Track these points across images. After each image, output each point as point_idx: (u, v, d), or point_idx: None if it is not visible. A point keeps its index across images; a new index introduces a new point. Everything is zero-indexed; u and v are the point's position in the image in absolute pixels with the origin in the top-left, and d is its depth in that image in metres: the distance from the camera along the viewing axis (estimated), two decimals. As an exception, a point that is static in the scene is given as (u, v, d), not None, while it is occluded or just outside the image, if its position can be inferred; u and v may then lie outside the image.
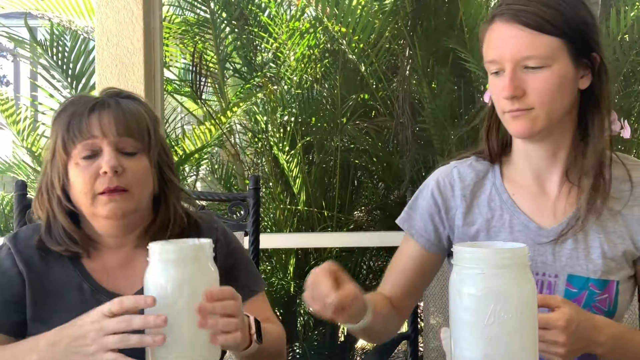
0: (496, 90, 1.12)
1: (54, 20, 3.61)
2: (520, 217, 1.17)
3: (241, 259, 1.29)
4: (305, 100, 3.25)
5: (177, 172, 1.29)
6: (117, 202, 1.11)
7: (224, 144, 3.47)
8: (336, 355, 3.26)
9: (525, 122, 1.09)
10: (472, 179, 1.22)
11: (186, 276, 0.92)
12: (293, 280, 3.12)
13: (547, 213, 1.16)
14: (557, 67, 1.08)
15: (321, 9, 3.11)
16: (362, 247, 3.06)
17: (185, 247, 0.97)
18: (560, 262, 1.14)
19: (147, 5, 2.19)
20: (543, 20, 1.07)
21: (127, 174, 1.12)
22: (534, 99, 1.08)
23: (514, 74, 1.08)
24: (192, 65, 3.23)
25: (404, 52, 3.24)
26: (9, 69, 8.00)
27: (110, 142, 1.12)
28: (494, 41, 1.11)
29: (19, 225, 1.40)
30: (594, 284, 1.12)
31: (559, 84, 1.08)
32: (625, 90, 3.24)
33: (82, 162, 1.12)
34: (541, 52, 1.07)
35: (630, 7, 3.10)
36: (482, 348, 0.84)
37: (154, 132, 1.19)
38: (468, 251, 0.86)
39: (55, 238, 1.16)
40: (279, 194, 3.20)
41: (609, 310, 1.13)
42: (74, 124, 1.12)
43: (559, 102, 1.10)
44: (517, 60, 1.07)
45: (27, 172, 3.57)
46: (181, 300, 0.91)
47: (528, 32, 1.07)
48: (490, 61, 1.12)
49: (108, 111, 1.13)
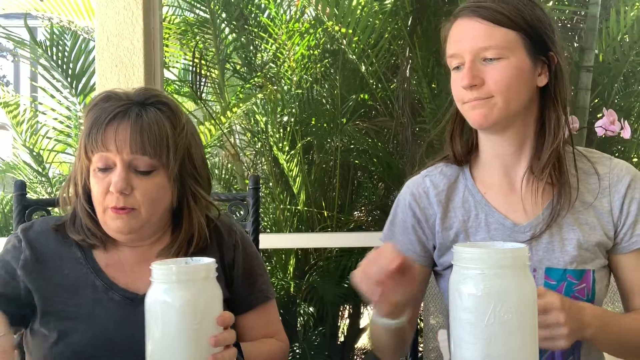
0: (456, 83, 1.16)
1: (54, 20, 3.61)
2: (495, 215, 1.20)
3: (258, 263, 1.29)
4: (305, 100, 3.25)
5: (207, 181, 1.25)
6: (123, 220, 1.12)
7: (224, 144, 3.47)
8: (336, 355, 3.26)
9: (484, 110, 1.13)
10: (444, 184, 1.25)
11: (199, 299, 0.91)
12: (293, 280, 3.12)
13: (519, 209, 1.20)
14: (514, 59, 1.13)
15: (321, 9, 3.11)
16: (362, 247, 3.06)
17: (195, 267, 0.95)
18: (538, 255, 1.18)
19: (147, 5, 2.19)
20: (500, 14, 1.13)
21: (136, 194, 1.12)
22: (491, 87, 1.12)
23: (473, 64, 1.13)
24: (192, 65, 3.23)
25: (404, 52, 3.24)
26: (9, 69, 8.01)
27: (123, 159, 1.11)
28: (455, 36, 1.17)
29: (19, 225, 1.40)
30: (571, 275, 1.16)
31: (517, 75, 1.13)
32: (625, 91, 3.24)
33: (98, 172, 1.13)
34: (497, 43, 1.12)
35: (630, 7, 3.10)
36: (482, 348, 0.84)
37: (175, 146, 1.14)
38: (468, 251, 0.86)
39: (76, 227, 1.18)
40: (278, 194, 3.20)
41: (588, 299, 1.16)
42: (93, 132, 1.12)
43: (516, 93, 1.13)
44: (475, 52, 1.13)
45: (26, 172, 3.57)
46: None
47: (485, 24, 1.13)
48: (450, 55, 1.17)
49: (126, 125, 1.11)
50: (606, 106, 2.74)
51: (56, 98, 3.37)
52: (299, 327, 3.27)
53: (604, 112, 2.19)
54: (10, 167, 3.75)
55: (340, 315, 3.42)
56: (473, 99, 1.13)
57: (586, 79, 3.06)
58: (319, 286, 3.04)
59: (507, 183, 1.22)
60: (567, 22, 3.41)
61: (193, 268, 0.94)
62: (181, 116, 1.19)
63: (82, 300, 1.15)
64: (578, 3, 3.36)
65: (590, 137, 2.99)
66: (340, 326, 3.44)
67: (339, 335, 3.42)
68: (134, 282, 1.17)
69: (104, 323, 1.13)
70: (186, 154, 1.17)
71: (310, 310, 3.23)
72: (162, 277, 0.91)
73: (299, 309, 3.24)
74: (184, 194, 1.19)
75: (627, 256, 1.19)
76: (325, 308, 3.14)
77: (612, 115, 2.17)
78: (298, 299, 3.18)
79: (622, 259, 1.19)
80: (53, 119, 3.51)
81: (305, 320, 3.28)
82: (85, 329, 1.12)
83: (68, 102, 3.40)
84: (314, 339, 3.26)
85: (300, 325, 3.29)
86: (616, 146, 3.26)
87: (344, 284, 3.12)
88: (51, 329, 1.13)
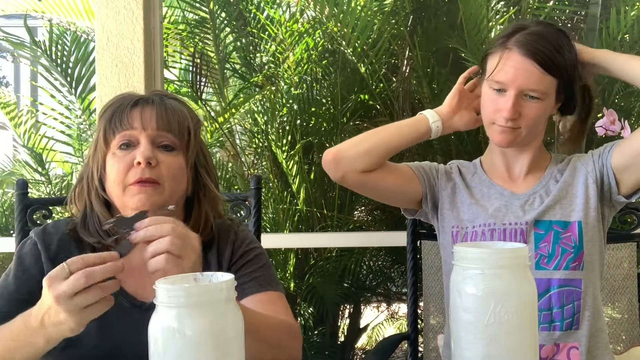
0: (494, 105, 1.37)
1: (53, 21, 3.61)
2: (497, 187, 1.47)
3: (260, 258, 1.25)
4: (305, 100, 3.25)
5: (216, 177, 1.28)
6: (146, 194, 1.11)
7: (224, 144, 3.48)
8: (336, 355, 3.26)
9: (510, 136, 1.37)
10: (465, 171, 1.54)
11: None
12: (293, 280, 3.12)
13: (515, 183, 1.47)
14: (548, 101, 1.36)
15: (319, 9, 3.11)
16: (362, 247, 3.06)
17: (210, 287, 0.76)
18: (530, 213, 1.40)
19: (147, 5, 2.19)
20: (551, 62, 1.32)
21: (161, 167, 1.13)
22: (523, 123, 1.35)
23: (517, 100, 1.33)
24: (192, 65, 3.23)
25: (404, 52, 3.24)
26: (9, 69, 8.01)
27: (148, 134, 1.13)
28: (508, 67, 1.33)
29: (20, 224, 1.41)
30: (557, 225, 1.38)
31: (544, 115, 1.38)
32: (625, 90, 3.24)
33: (119, 152, 1.13)
34: (543, 89, 1.33)
35: (630, 7, 3.10)
36: (482, 348, 0.84)
37: (195, 133, 1.19)
38: (468, 251, 0.86)
39: (89, 230, 1.17)
40: (279, 193, 3.20)
41: (575, 246, 1.36)
42: (116, 115, 1.14)
43: (538, 127, 1.40)
44: (522, 90, 1.32)
45: (25, 172, 3.58)
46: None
47: (538, 69, 1.31)
48: (498, 81, 1.34)
49: (151, 106, 1.15)
50: (606, 106, 2.74)
51: (56, 98, 3.38)
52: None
53: (605, 112, 2.19)
54: (12, 172, 3.76)
55: (341, 315, 3.42)
56: (506, 126, 1.35)
57: (586, 79, 3.06)
58: (319, 286, 3.05)
59: (507, 172, 1.49)
60: (568, 22, 3.41)
61: (211, 287, 0.74)
62: (196, 113, 1.24)
63: None
64: (578, 3, 3.36)
65: (590, 136, 2.99)
66: (341, 326, 3.45)
67: (339, 335, 3.42)
68: (143, 288, 1.15)
69: (112, 329, 1.11)
70: (201, 149, 1.22)
71: (310, 310, 3.23)
72: (169, 300, 0.72)
73: (299, 308, 3.24)
74: (196, 184, 1.21)
75: (612, 159, 1.39)
76: (325, 308, 3.14)
77: (613, 115, 2.17)
78: (298, 299, 3.18)
79: (612, 160, 1.39)
80: (53, 119, 3.51)
81: (305, 320, 3.28)
82: (93, 334, 1.10)
83: (67, 101, 3.40)
84: (314, 338, 3.26)
85: (300, 325, 3.29)
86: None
87: (344, 283, 3.12)
88: None
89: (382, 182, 1.47)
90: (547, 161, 1.49)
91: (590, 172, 1.42)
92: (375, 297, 3.48)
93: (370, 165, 1.44)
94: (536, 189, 1.44)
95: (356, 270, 3.10)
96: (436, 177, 1.52)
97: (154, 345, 0.73)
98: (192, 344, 0.71)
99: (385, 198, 1.58)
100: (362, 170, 1.44)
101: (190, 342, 0.71)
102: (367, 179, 1.45)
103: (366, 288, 3.37)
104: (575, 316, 1.34)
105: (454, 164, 1.57)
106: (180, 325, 0.71)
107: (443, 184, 1.51)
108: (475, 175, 1.52)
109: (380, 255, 3.31)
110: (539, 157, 1.47)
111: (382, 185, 1.48)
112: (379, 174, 1.45)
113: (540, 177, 1.46)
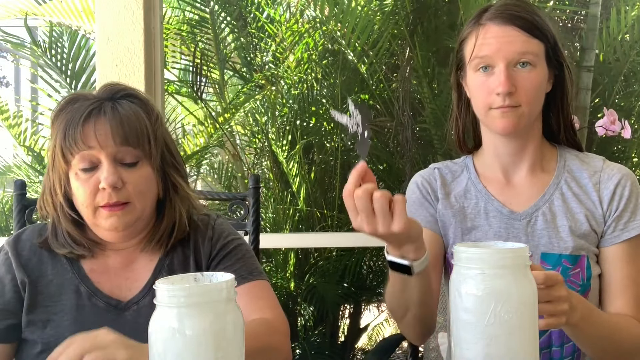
0: (485, 87, 1.20)
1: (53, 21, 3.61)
2: (495, 203, 1.28)
3: (239, 249, 1.22)
4: (305, 100, 3.25)
5: (185, 172, 1.24)
6: (118, 217, 1.09)
7: (224, 144, 3.47)
8: (336, 355, 3.25)
9: (513, 118, 1.19)
10: (450, 178, 1.35)
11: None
12: (293, 280, 3.12)
13: (516, 201, 1.28)
14: (541, 69, 1.21)
15: (320, 9, 3.11)
16: (362, 247, 3.06)
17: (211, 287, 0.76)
18: (534, 241, 1.24)
19: (147, 5, 2.19)
20: (533, 26, 1.19)
21: (128, 188, 1.09)
22: (521, 97, 1.18)
23: (508, 72, 1.17)
24: (193, 65, 3.23)
25: (404, 52, 3.24)
26: (9, 69, 8.00)
27: (109, 153, 1.08)
28: (488, 39, 1.20)
29: (19, 225, 1.40)
30: (566, 260, 1.22)
31: (540, 85, 1.21)
32: (625, 90, 3.23)
33: (82, 174, 1.09)
34: (532, 51, 1.18)
35: (630, 7, 3.09)
36: (482, 348, 0.83)
37: (154, 135, 1.13)
38: (468, 251, 0.86)
39: (60, 241, 1.15)
40: (279, 193, 3.20)
41: (583, 283, 1.22)
42: (69, 133, 1.07)
43: (538, 103, 1.23)
44: (511, 57, 1.18)
45: (28, 172, 3.58)
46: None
47: (522, 33, 1.19)
48: (482, 57, 1.20)
49: (104, 119, 1.08)
50: (607, 106, 2.74)
51: (53, 97, 3.37)
52: (299, 327, 3.27)
53: (605, 112, 2.19)
54: (10, 169, 3.75)
55: (341, 315, 3.42)
56: (506, 105, 1.18)
57: (587, 79, 3.06)
58: (319, 286, 3.04)
59: (505, 178, 1.30)
60: (568, 22, 3.41)
61: (211, 287, 0.74)
62: (153, 106, 1.17)
63: (65, 306, 1.13)
64: (578, 3, 3.36)
65: (590, 136, 2.99)
66: (341, 326, 3.44)
67: (340, 335, 3.42)
68: (119, 287, 1.15)
69: (87, 330, 1.11)
70: (164, 144, 1.16)
71: (310, 310, 3.23)
72: (169, 300, 0.72)
73: (299, 308, 3.24)
74: (166, 185, 1.17)
75: (609, 249, 1.23)
76: (325, 308, 3.14)
77: (613, 115, 2.17)
78: (298, 299, 3.18)
79: (605, 251, 1.24)
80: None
81: (305, 320, 3.28)
82: (68, 336, 1.10)
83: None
84: (314, 338, 3.26)
85: (300, 325, 3.29)
86: (616, 146, 3.25)
87: (344, 283, 3.12)
88: (36, 337, 1.12)
89: (435, 276, 1.27)
90: (552, 158, 1.29)
91: (591, 215, 1.24)
92: (375, 297, 3.48)
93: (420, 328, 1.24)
94: (538, 204, 1.25)
95: (356, 270, 3.10)
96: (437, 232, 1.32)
97: (154, 345, 0.73)
98: (192, 344, 0.70)
99: None
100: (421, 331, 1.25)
101: (190, 342, 0.70)
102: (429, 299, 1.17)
103: (366, 288, 3.37)
104: (575, 354, 1.24)
105: (435, 174, 1.35)
106: (180, 325, 0.71)
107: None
108: (470, 181, 1.32)
109: (380, 255, 3.31)
110: (541, 153, 1.28)
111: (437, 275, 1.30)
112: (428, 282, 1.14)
113: (543, 187, 1.27)
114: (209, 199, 1.70)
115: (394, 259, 1.03)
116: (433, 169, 1.37)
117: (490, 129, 1.25)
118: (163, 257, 1.19)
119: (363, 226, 0.95)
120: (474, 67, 1.22)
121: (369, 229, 0.95)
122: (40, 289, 1.14)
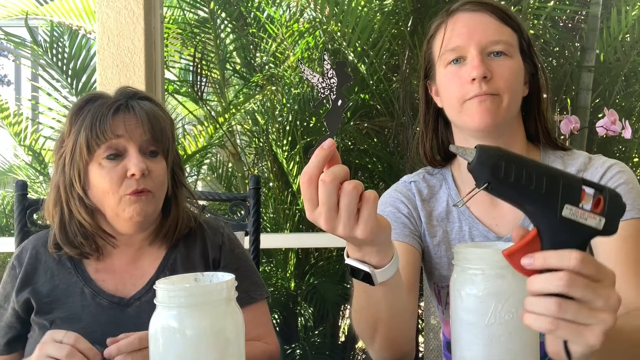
0: (457, 77, 1.09)
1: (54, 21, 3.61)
2: (479, 227, 1.16)
3: (245, 265, 1.28)
4: (306, 100, 3.25)
5: (184, 173, 1.31)
6: (141, 203, 1.13)
7: (225, 144, 3.48)
8: (336, 355, 3.26)
9: (491, 107, 1.06)
10: (428, 194, 1.22)
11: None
12: (293, 280, 3.12)
13: (501, 222, 1.15)
14: (516, 59, 1.11)
15: (319, 9, 3.11)
16: (362, 247, 3.06)
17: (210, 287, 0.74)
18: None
19: (148, 5, 2.19)
20: (505, 14, 1.12)
21: (152, 177, 1.14)
22: (499, 83, 1.07)
23: (482, 58, 1.08)
24: (193, 65, 3.23)
25: (404, 52, 3.24)
26: (10, 68, 8.01)
27: (137, 143, 1.13)
28: (459, 29, 1.11)
29: (20, 225, 1.41)
30: None
31: (517, 76, 1.10)
32: (626, 90, 3.23)
33: (106, 162, 1.12)
34: (505, 39, 1.09)
35: (631, 7, 3.09)
36: (482, 348, 0.84)
37: (172, 134, 1.21)
38: (468, 251, 0.86)
39: (69, 239, 1.17)
40: (279, 193, 3.20)
41: None
42: (96, 125, 1.12)
43: (516, 95, 1.11)
44: (484, 45, 1.09)
45: (28, 173, 3.58)
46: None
47: (495, 19, 1.11)
48: (453, 48, 1.10)
49: (133, 113, 1.14)
50: (607, 106, 2.74)
51: (52, 96, 3.37)
52: (299, 327, 3.27)
53: (605, 112, 2.19)
54: (10, 170, 3.76)
55: (341, 315, 3.42)
56: (483, 92, 1.06)
57: (587, 79, 3.06)
58: (320, 286, 3.05)
59: (487, 196, 1.15)
60: (568, 22, 3.41)
61: (212, 288, 0.73)
62: (167, 111, 1.25)
63: (71, 308, 1.16)
64: (579, 3, 3.36)
65: (591, 137, 2.99)
66: (341, 326, 3.44)
67: (340, 335, 3.42)
68: (124, 284, 1.18)
69: (91, 327, 1.13)
70: (175, 148, 1.24)
71: (310, 310, 3.23)
72: (170, 300, 0.71)
73: (299, 308, 3.24)
74: (173, 182, 1.23)
75: (602, 239, 1.16)
76: (325, 308, 3.14)
77: (613, 115, 2.17)
78: (299, 299, 3.18)
79: (594, 242, 1.12)
80: (52, 119, 3.51)
81: (305, 320, 3.28)
82: None
83: (68, 102, 3.40)
84: (314, 338, 3.26)
85: (300, 325, 3.29)
86: (617, 146, 3.25)
87: (344, 283, 3.12)
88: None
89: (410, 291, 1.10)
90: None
91: None
92: (375, 297, 3.48)
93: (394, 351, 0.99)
94: (525, 223, 1.10)
95: (356, 270, 3.09)
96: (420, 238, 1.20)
97: (154, 345, 0.72)
98: (192, 344, 0.70)
99: None
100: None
101: (190, 342, 0.70)
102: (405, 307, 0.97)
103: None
104: None
105: (412, 189, 1.22)
106: (180, 325, 0.70)
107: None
108: (450, 199, 1.19)
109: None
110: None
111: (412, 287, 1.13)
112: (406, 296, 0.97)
113: None
114: (209, 199, 1.70)
115: (353, 262, 0.82)
116: (409, 182, 1.24)
117: (467, 126, 1.10)
118: (168, 254, 1.23)
119: (319, 221, 0.75)
120: (444, 62, 1.12)
121: (326, 226, 0.74)
122: (48, 294, 1.17)
